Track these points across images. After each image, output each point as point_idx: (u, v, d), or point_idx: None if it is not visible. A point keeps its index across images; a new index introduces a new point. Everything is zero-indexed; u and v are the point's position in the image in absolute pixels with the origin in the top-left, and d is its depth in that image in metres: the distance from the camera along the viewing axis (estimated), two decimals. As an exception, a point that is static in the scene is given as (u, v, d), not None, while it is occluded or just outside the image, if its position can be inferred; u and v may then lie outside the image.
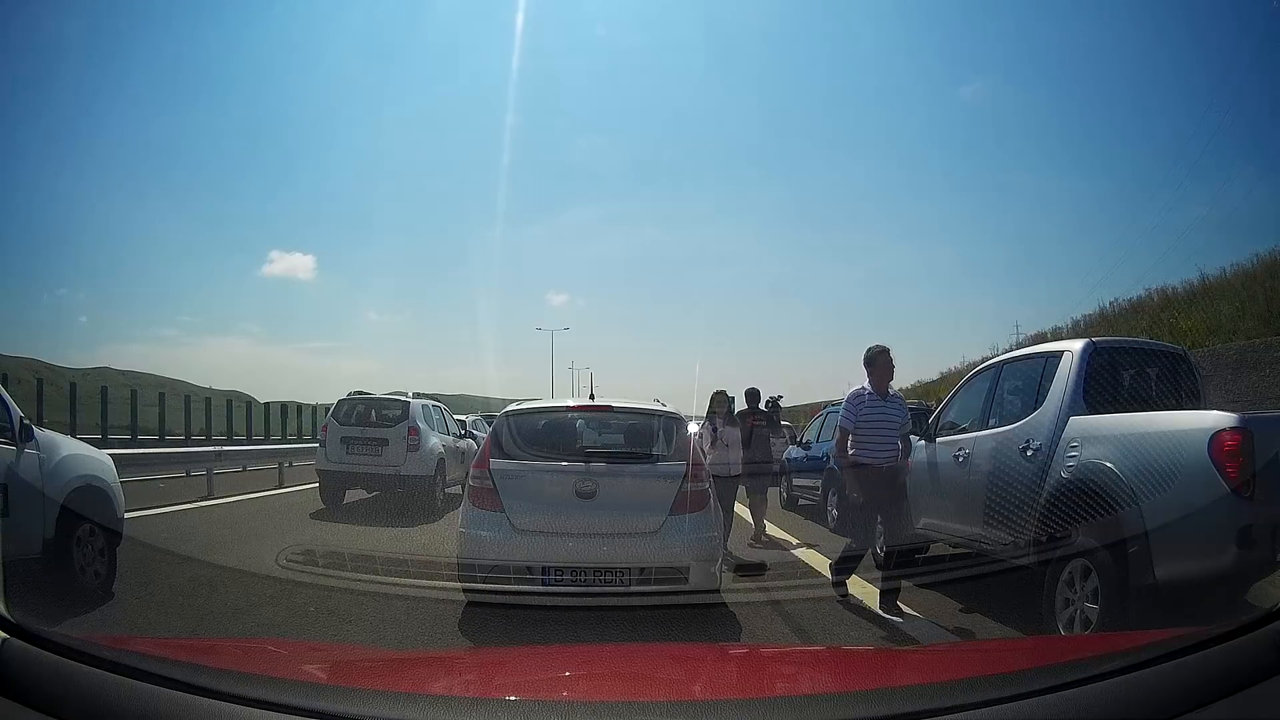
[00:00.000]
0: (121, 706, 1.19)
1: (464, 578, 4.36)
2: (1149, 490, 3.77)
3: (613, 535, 4.29)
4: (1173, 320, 16.03)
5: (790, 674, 2.10)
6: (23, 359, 38.41)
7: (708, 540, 4.45)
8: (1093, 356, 4.73)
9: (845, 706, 1.33)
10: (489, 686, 1.82)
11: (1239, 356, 12.34)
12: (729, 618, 4.55)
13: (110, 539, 4.85)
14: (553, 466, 4.57)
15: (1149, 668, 1.28)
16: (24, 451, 4.33)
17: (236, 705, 1.17)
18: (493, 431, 4.93)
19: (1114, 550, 3.77)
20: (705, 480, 4.60)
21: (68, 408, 18.56)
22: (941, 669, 2.01)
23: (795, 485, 10.67)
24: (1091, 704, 1.20)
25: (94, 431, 16.71)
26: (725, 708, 1.42)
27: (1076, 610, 3.96)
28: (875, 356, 5.05)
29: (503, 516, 4.38)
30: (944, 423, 5.83)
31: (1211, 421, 3.70)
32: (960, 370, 19.53)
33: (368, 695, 1.37)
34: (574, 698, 1.70)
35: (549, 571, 4.20)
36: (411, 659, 2.53)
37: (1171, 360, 5.25)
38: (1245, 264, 16.20)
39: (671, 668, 2.06)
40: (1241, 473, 3.50)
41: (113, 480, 5.08)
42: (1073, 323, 20.13)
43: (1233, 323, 14.63)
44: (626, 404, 5.25)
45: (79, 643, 1.34)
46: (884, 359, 5.05)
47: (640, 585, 4.16)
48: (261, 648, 2.47)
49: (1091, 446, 4.23)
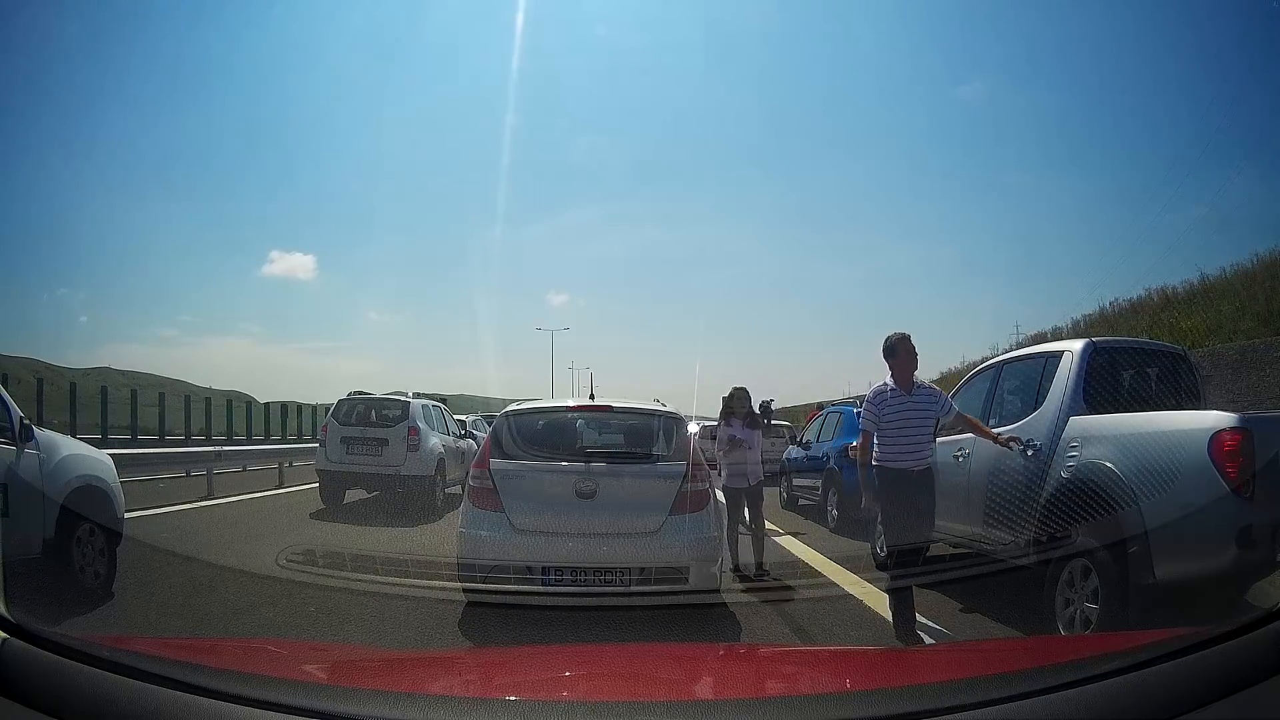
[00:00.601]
0: (121, 706, 1.19)
1: (464, 578, 4.36)
2: (1149, 490, 3.77)
3: (613, 535, 4.29)
4: (1173, 320, 16.03)
5: (790, 674, 2.10)
6: (23, 359, 38.48)
7: (708, 540, 4.45)
8: (1093, 356, 4.73)
9: (845, 706, 1.33)
10: (489, 686, 1.82)
11: (1239, 356, 12.33)
12: (729, 618, 4.55)
13: (110, 539, 4.85)
14: (553, 466, 4.57)
15: (1149, 668, 1.28)
16: (24, 451, 4.33)
17: (236, 705, 1.17)
18: (493, 431, 4.92)
19: (1114, 550, 3.77)
20: (705, 480, 4.59)
21: (68, 408, 18.57)
22: (941, 669, 2.00)
23: (795, 485, 10.67)
24: (1091, 704, 1.20)
25: (94, 431, 16.72)
26: (725, 708, 1.42)
27: (1076, 610, 3.96)
28: (895, 345, 4.46)
29: (503, 516, 4.38)
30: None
31: (1211, 421, 3.70)
32: (960, 370, 19.51)
33: (368, 695, 1.37)
34: (574, 698, 1.70)
35: (549, 571, 4.20)
36: (411, 659, 2.53)
37: (1171, 360, 5.26)
38: (1245, 264, 16.24)
39: (671, 668, 2.06)
40: (1241, 473, 3.50)
41: (113, 480, 5.08)
42: (1073, 323, 20.16)
43: (1233, 323, 14.63)
44: (626, 404, 5.25)
45: (79, 643, 1.33)
46: (905, 346, 4.46)
47: (640, 585, 4.15)
48: (261, 648, 2.47)
49: (1091, 446, 4.23)
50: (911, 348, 4.48)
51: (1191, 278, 17.67)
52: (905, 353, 4.46)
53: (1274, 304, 14.02)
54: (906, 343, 4.48)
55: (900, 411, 4.38)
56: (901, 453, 4.35)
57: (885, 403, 4.42)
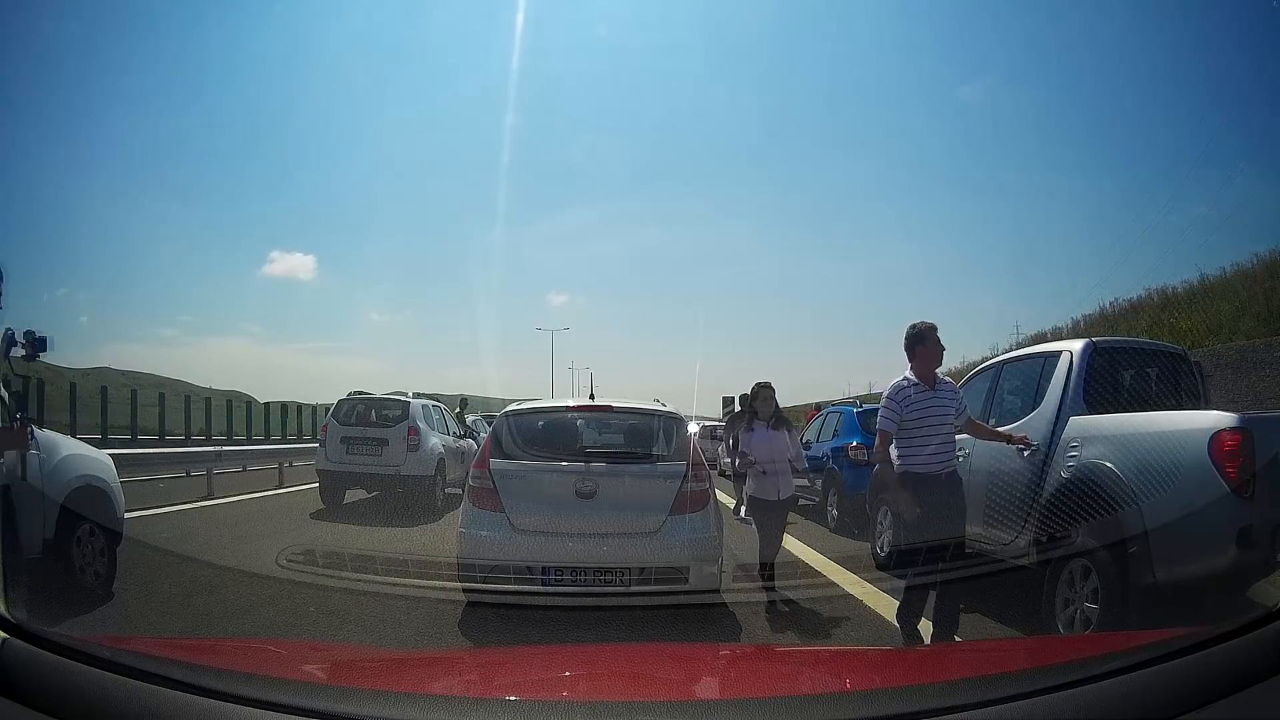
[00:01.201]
0: (121, 706, 1.19)
1: (464, 578, 4.36)
2: (1149, 490, 3.77)
3: (613, 535, 4.29)
4: (1173, 320, 16.01)
5: (790, 674, 2.10)
6: (23, 359, 38.32)
7: (708, 540, 4.45)
8: (1093, 356, 4.73)
9: (845, 706, 1.33)
10: (489, 686, 1.83)
11: (1239, 356, 12.32)
12: (729, 618, 4.55)
13: (110, 539, 4.85)
14: (553, 466, 4.56)
15: (1149, 668, 1.28)
16: (24, 452, 4.33)
17: (236, 705, 1.17)
18: (493, 431, 4.93)
19: (1114, 550, 3.77)
20: (705, 480, 4.59)
21: (68, 408, 18.55)
22: (941, 669, 2.01)
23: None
24: (1091, 704, 1.20)
25: (94, 431, 16.70)
26: (725, 708, 1.42)
27: (1076, 610, 3.96)
28: (924, 333, 4.02)
29: (503, 516, 4.38)
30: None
31: (1211, 421, 3.70)
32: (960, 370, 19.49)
33: (368, 695, 1.37)
34: (574, 698, 1.69)
35: (549, 571, 4.20)
36: (411, 659, 2.53)
37: (1171, 360, 5.25)
38: (1245, 264, 16.22)
39: (671, 668, 2.06)
40: (1241, 473, 3.50)
41: (113, 480, 5.08)
42: (1073, 323, 20.09)
43: (1233, 323, 14.62)
44: (626, 404, 5.25)
45: (79, 643, 1.34)
46: (934, 336, 4.03)
47: (640, 585, 4.15)
48: (261, 648, 2.47)
49: (1091, 446, 4.23)
50: (939, 340, 4.07)
51: (1191, 278, 17.64)
52: (934, 344, 4.04)
53: (1274, 304, 14.01)
54: (935, 333, 4.05)
55: (924, 409, 3.96)
56: (928, 456, 3.94)
57: (908, 400, 3.98)
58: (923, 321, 4.09)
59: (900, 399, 4.00)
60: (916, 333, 4.05)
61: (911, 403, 3.98)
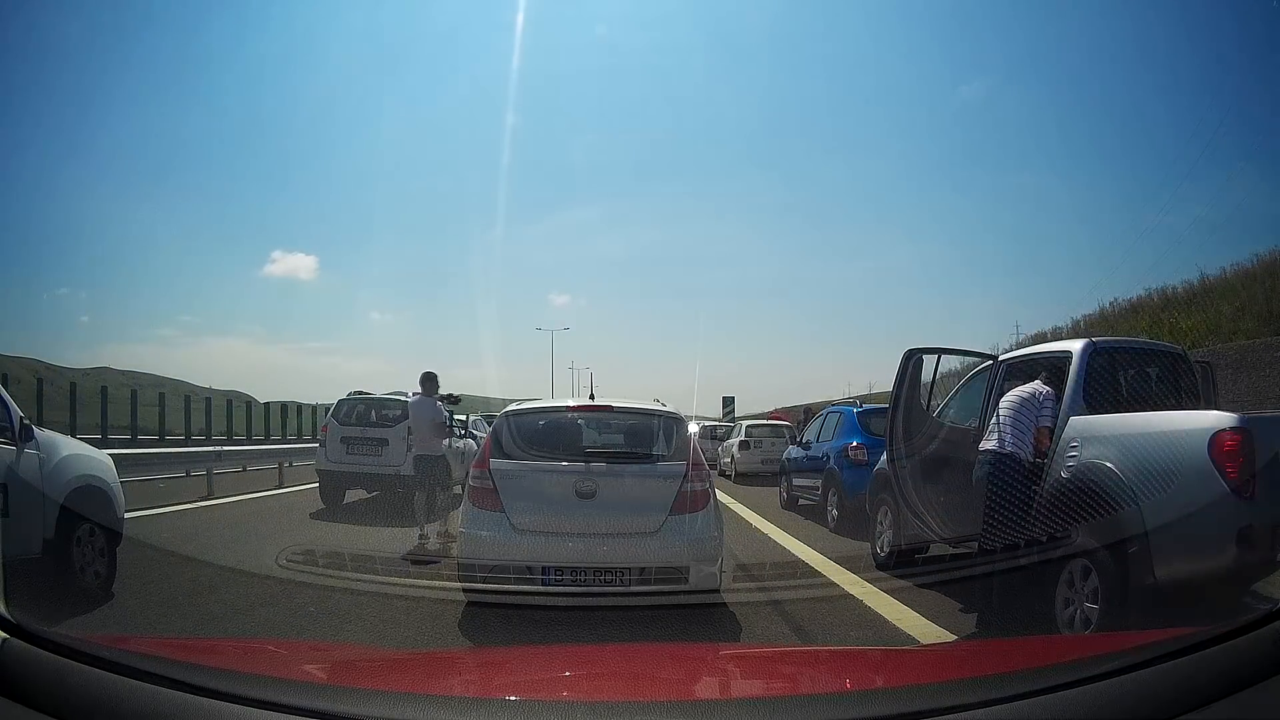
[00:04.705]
0: (121, 706, 1.19)
1: (464, 578, 4.36)
2: (1149, 490, 3.77)
3: (613, 535, 4.29)
4: (1173, 320, 16.02)
5: (790, 674, 2.10)
6: (23, 359, 38.47)
7: (708, 540, 4.44)
8: (1093, 356, 4.73)
9: (845, 706, 1.33)
10: (489, 686, 1.82)
11: (1239, 356, 12.33)
12: (729, 618, 4.54)
13: (110, 539, 4.85)
14: (553, 466, 4.56)
15: (1149, 668, 1.28)
16: (24, 451, 4.33)
17: (236, 705, 1.17)
18: (493, 431, 4.92)
19: (1114, 550, 3.77)
20: (705, 480, 4.59)
21: (68, 408, 18.56)
22: (941, 669, 2.00)
23: (795, 485, 10.66)
24: (1091, 704, 1.20)
25: (94, 431, 16.72)
26: (725, 708, 1.42)
27: (1076, 610, 3.96)
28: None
29: (503, 516, 4.37)
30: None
31: (1211, 421, 3.70)
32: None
33: (368, 695, 1.36)
34: (574, 698, 1.69)
35: (549, 571, 4.20)
36: (411, 659, 2.53)
37: (1171, 360, 5.25)
38: (1245, 264, 16.23)
39: (671, 668, 2.06)
40: (1241, 473, 3.50)
41: (113, 480, 5.08)
42: (1073, 323, 20.13)
43: (1233, 323, 14.62)
44: (626, 404, 5.24)
45: (79, 643, 1.34)
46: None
47: (640, 585, 4.15)
48: (261, 648, 2.47)
49: (1091, 446, 4.23)
50: None
51: (1191, 278, 17.67)
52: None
53: (1274, 304, 14.02)
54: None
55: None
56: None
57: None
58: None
59: (1048, 400, 4.67)
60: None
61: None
